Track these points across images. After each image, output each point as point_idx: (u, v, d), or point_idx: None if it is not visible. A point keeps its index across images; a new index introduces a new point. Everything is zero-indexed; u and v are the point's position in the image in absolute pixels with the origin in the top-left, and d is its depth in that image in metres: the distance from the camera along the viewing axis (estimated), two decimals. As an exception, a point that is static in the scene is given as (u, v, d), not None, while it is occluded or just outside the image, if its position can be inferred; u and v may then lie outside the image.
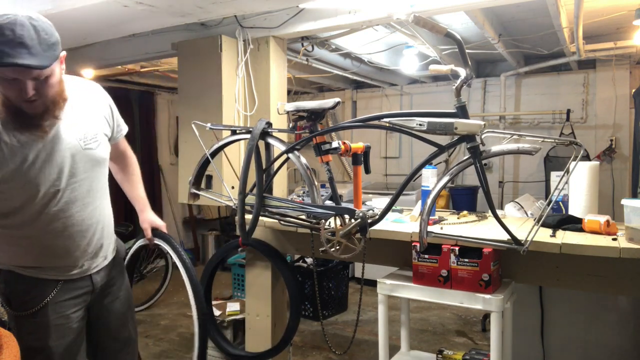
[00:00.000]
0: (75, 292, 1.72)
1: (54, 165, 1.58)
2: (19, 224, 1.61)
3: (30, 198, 1.57)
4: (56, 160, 1.58)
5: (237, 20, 2.95)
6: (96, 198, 1.74)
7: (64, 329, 1.68)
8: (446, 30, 1.93)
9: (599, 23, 3.78)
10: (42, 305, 1.65)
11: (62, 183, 1.61)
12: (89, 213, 1.71)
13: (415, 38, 3.79)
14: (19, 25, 1.37)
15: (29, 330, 1.65)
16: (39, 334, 1.65)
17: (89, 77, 4.88)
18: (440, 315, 4.46)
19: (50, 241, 1.64)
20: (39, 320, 1.65)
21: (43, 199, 1.58)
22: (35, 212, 1.59)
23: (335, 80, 6.09)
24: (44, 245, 1.64)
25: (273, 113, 2.95)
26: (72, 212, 1.65)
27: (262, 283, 2.87)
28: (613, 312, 2.51)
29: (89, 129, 1.69)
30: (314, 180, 2.24)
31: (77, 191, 1.66)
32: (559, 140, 2.17)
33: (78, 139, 1.64)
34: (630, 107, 4.93)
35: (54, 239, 1.65)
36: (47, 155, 1.56)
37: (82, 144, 1.65)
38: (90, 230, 1.72)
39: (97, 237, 1.76)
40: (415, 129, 2.02)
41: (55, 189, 1.60)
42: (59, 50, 1.47)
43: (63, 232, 1.65)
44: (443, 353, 2.40)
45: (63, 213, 1.63)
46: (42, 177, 1.56)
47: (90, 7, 2.49)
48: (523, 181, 5.63)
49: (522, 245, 1.94)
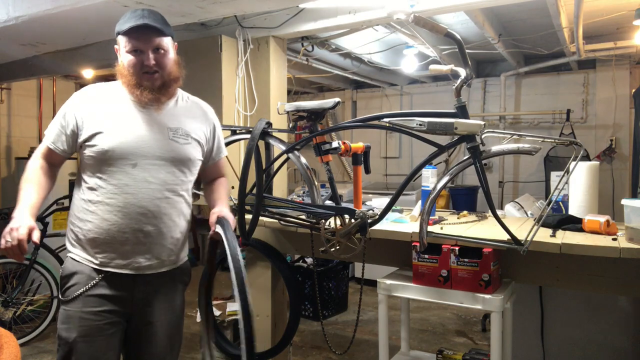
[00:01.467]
0: (112, 291, 1.67)
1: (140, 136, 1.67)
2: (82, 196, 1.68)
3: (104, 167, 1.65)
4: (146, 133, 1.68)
5: (237, 20, 2.95)
6: (168, 194, 1.71)
7: (93, 326, 1.64)
8: (446, 30, 1.94)
9: (599, 23, 3.78)
10: (77, 294, 1.65)
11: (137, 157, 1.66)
12: (155, 202, 1.68)
13: (415, 38, 3.79)
14: (143, 11, 1.68)
15: (61, 319, 1.67)
16: (68, 324, 1.65)
17: (88, 77, 4.89)
18: (440, 315, 4.46)
19: (110, 218, 1.64)
20: (70, 311, 1.65)
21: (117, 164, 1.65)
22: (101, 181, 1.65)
23: (335, 80, 6.09)
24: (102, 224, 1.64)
25: (273, 113, 2.95)
26: (138, 190, 1.65)
27: (262, 283, 2.87)
28: (613, 312, 2.51)
29: (184, 127, 1.77)
30: (314, 180, 2.24)
31: (150, 173, 1.67)
32: (559, 140, 2.17)
33: (168, 128, 1.73)
34: (630, 107, 4.93)
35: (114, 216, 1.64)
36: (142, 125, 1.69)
37: (170, 133, 1.72)
38: (151, 220, 1.67)
39: (156, 233, 1.69)
40: (415, 129, 2.02)
41: (132, 162, 1.65)
42: (171, 32, 1.72)
43: (123, 209, 1.64)
44: (443, 353, 2.40)
45: (129, 188, 1.65)
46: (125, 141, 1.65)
47: (90, 7, 2.49)
48: (523, 181, 5.63)
49: (522, 245, 1.94)
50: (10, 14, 2.66)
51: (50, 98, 5.39)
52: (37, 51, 3.55)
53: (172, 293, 1.81)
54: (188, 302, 1.95)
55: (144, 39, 1.65)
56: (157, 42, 1.66)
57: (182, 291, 1.87)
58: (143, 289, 1.71)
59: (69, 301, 1.66)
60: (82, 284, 1.66)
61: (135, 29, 1.63)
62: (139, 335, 1.74)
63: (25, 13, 2.63)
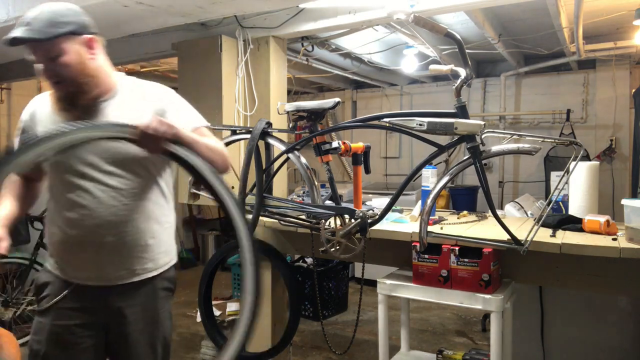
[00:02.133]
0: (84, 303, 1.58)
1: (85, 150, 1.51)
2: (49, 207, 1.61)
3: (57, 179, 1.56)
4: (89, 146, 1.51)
5: (237, 20, 2.95)
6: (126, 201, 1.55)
7: (64, 340, 1.58)
8: (446, 30, 1.94)
9: (599, 23, 3.78)
10: (49, 306, 1.59)
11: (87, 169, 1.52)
12: (112, 211, 1.53)
13: (415, 38, 3.79)
14: (35, 10, 1.43)
15: (34, 330, 1.62)
16: (39, 336, 1.60)
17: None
18: (440, 315, 4.46)
19: (67, 231, 1.55)
20: (42, 323, 1.60)
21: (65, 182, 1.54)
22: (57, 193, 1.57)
23: (335, 80, 6.09)
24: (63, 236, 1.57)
25: (273, 113, 2.95)
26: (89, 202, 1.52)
27: (262, 283, 2.87)
28: (613, 312, 2.50)
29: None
30: (314, 180, 2.24)
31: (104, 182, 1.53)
32: (559, 140, 2.17)
33: None
34: (630, 107, 4.93)
35: (71, 228, 1.54)
36: None
37: None
38: (110, 230, 1.54)
39: (118, 244, 1.56)
40: (415, 129, 2.02)
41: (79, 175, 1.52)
42: (67, 28, 1.43)
43: (80, 222, 1.52)
44: (443, 353, 2.40)
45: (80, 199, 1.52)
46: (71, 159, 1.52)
47: (91, 7, 2.48)
48: (523, 181, 5.63)
49: (522, 245, 1.94)
50: (10, 14, 2.66)
51: (50, 98, 5.40)
52: (37, 51, 3.54)
53: (151, 302, 1.65)
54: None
55: (32, 51, 1.44)
56: (45, 51, 1.42)
57: (164, 299, 1.69)
58: (117, 298, 1.59)
59: (41, 312, 1.61)
60: (53, 295, 1.60)
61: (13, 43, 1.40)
62: (118, 345, 1.65)
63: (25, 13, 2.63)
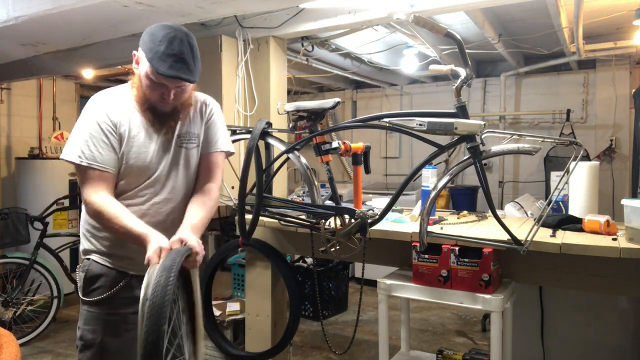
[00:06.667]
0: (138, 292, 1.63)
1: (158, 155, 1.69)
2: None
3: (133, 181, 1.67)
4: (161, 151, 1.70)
5: (237, 20, 2.95)
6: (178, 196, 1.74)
7: (120, 328, 1.67)
8: (446, 30, 1.94)
9: (599, 23, 3.79)
10: (104, 297, 1.67)
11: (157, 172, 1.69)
12: (169, 209, 1.71)
13: (415, 38, 3.79)
14: (179, 41, 1.57)
15: (85, 321, 1.69)
16: (94, 326, 1.67)
17: (89, 77, 4.89)
18: (440, 315, 4.46)
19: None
20: (95, 313, 1.67)
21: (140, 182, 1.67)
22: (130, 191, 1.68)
23: (335, 80, 6.09)
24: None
25: (273, 113, 2.95)
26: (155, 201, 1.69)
27: (262, 283, 2.87)
28: (613, 312, 2.51)
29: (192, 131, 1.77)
30: (314, 180, 2.24)
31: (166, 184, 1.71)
32: (559, 140, 2.17)
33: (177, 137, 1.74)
34: (630, 107, 4.93)
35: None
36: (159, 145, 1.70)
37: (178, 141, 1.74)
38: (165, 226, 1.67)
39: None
40: (415, 129, 2.02)
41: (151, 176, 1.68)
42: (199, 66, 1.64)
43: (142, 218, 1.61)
44: (443, 353, 2.40)
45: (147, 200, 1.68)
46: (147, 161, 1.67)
47: (90, 7, 2.49)
48: (523, 181, 5.63)
49: (522, 245, 1.94)
50: (10, 14, 2.66)
51: (50, 98, 5.38)
52: (37, 51, 3.55)
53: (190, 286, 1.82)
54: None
55: (172, 81, 1.58)
56: (182, 84, 1.61)
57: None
58: None
59: (94, 303, 1.68)
60: (107, 287, 1.69)
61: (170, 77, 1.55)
62: None
63: (25, 13, 2.63)
